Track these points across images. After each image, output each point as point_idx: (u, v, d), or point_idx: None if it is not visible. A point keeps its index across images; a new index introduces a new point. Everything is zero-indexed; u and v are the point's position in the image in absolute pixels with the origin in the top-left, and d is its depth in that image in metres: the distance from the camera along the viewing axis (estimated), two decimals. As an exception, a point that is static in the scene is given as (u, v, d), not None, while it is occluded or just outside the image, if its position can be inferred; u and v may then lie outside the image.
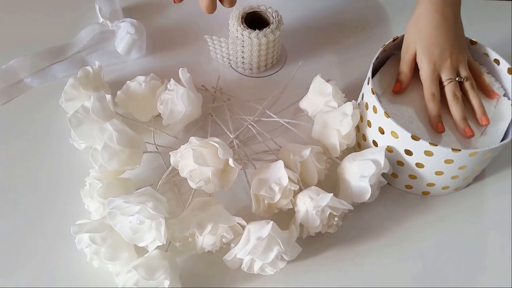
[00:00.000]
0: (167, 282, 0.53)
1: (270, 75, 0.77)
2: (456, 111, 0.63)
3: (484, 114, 0.64)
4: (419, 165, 0.61)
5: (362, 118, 0.65)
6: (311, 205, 0.57)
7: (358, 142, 0.68)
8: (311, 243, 0.61)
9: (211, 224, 0.55)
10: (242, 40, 0.70)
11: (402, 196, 0.67)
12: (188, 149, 0.56)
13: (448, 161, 0.59)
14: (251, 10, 0.72)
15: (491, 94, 0.66)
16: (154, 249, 0.55)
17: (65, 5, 0.83)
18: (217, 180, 0.56)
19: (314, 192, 0.58)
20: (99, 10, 0.78)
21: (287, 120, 0.70)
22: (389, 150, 0.62)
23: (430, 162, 0.60)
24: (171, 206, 0.63)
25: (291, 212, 0.60)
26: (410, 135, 0.58)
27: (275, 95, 0.74)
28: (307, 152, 0.60)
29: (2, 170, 0.66)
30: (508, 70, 0.66)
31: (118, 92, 0.69)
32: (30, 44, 0.77)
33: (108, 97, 0.65)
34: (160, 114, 0.67)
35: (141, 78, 0.69)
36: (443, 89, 0.64)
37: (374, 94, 0.61)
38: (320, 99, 0.67)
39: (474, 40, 0.68)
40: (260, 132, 0.70)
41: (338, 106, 0.66)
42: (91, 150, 0.59)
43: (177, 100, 0.64)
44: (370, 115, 0.63)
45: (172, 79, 0.66)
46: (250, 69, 0.76)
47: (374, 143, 0.64)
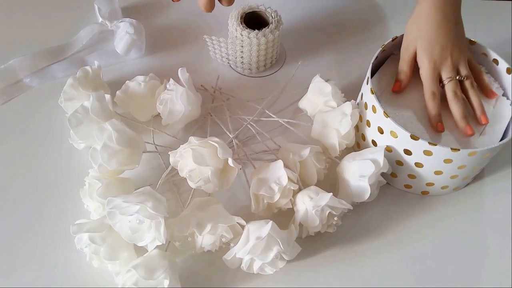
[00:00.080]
0: (167, 282, 0.53)
1: (270, 75, 0.77)
2: (456, 110, 0.63)
3: (483, 113, 0.64)
4: (418, 164, 0.61)
5: (361, 118, 0.65)
6: (311, 204, 0.57)
7: (358, 141, 0.68)
8: (311, 243, 0.61)
9: (211, 223, 0.55)
10: (242, 40, 0.70)
11: (402, 195, 0.67)
12: (187, 148, 0.56)
13: (447, 160, 0.59)
14: (251, 10, 0.72)
15: (490, 94, 0.66)
16: (154, 248, 0.55)
17: (64, 5, 0.83)
18: (216, 179, 0.56)
19: (313, 191, 0.58)
20: (98, 10, 0.78)
21: (287, 120, 0.70)
22: (388, 149, 0.62)
23: (429, 161, 0.60)
24: (171, 206, 0.63)
25: (291, 211, 0.60)
26: (409, 135, 0.58)
27: (275, 95, 0.74)
28: (307, 151, 0.60)
29: (1, 170, 0.66)
30: (507, 70, 0.66)
31: (118, 92, 0.69)
32: (29, 44, 0.77)
33: (107, 97, 0.65)
34: (159, 114, 0.67)
35: (140, 78, 0.69)
36: (443, 87, 0.64)
37: (373, 94, 0.61)
38: (319, 99, 0.67)
39: (473, 40, 0.68)
40: (259, 132, 0.70)
41: (338, 106, 0.66)
42: (91, 150, 0.59)
43: (176, 100, 0.64)
44: (369, 115, 0.63)
45: (171, 79, 0.66)
46: (250, 69, 0.76)
47: (373, 143, 0.64)
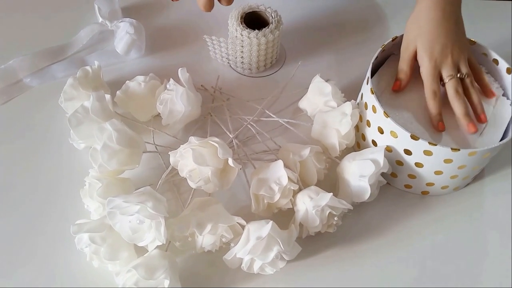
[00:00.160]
0: (167, 282, 0.53)
1: (270, 75, 0.77)
2: (458, 107, 0.63)
3: (483, 112, 0.64)
4: (419, 164, 0.61)
5: (361, 118, 0.65)
6: (311, 204, 0.57)
7: (358, 141, 0.68)
8: (311, 243, 0.61)
9: (211, 223, 0.55)
10: (242, 40, 0.70)
11: (402, 195, 0.67)
12: (187, 148, 0.56)
13: (447, 160, 0.59)
14: (251, 10, 0.72)
15: (490, 93, 0.66)
16: (154, 248, 0.55)
17: (64, 5, 0.83)
18: (216, 179, 0.56)
19: (313, 191, 0.58)
20: (98, 10, 0.78)
21: (287, 120, 0.70)
22: (388, 149, 0.62)
23: (429, 161, 0.60)
24: (171, 206, 0.63)
25: (291, 211, 0.60)
26: (409, 135, 0.58)
27: (275, 95, 0.74)
28: (307, 151, 0.60)
29: (2, 170, 0.66)
30: (507, 70, 0.66)
31: (118, 92, 0.69)
32: (29, 44, 0.77)
33: (107, 97, 0.65)
34: (159, 114, 0.67)
35: (140, 78, 0.69)
36: (444, 86, 0.64)
37: (373, 94, 0.61)
38: (319, 99, 0.67)
39: (473, 40, 0.68)
40: (259, 132, 0.70)
41: (338, 106, 0.66)
42: (91, 150, 0.59)
43: (176, 100, 0.64)
44: (369, 115, 0.63)
45: (171, 79, 0.66)
46: (250, 69, 0.76)
47: (373, 143, 0.64)
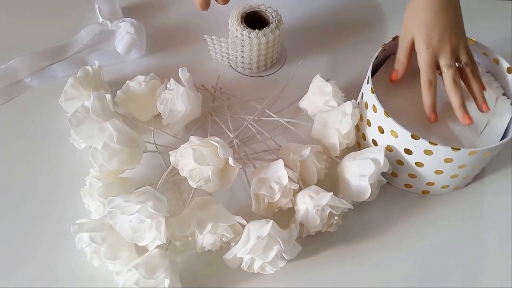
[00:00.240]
0: (167, 281, 0.53)
1: (270, 75, 0.77)
2: (455, 98, 0.61)
3: (484, 102, 0.62)
4: (419, 164, 0.61)
5: (361, 117, 0.65)
6: (311, 204, 0.57)
7: (358, 141, 0.68)
8: (311, 242, 0.61)
9: (211, 223, 0.55)
10: (242, 39, 0.70)
11: (402, 195, 0.67)
12: (188, 148, 0.56)
13: (447, 160, 0.59)
14: (251, 10, 0.72)
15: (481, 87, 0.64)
16: (154, 248, 0.55)
17: (64, 5, 0.83)
18: (217, 179, 0.56)
19: (314, 191, 0.58)
20: (99, 10, 0.78)
21: (287, 119, 0.70)
22: (388, 149, 0.62)
23: (429, 161, 0.60)
24: (171, 205, 0.63)
25: (291, 211, 0.60)
26: (409, 134, 0.58)
27: (275, 95, 0.74)
28: (307, 151, 0.60)
29: (2, 170, 0.66)
30: (507, 69, 0.66)
31: (118, 91, 0.69)
32: (29, 43, 0.77)
33: (108, 96, 0.65)
34: (160, 113, 0.67)
35: (140, 78, 0.69)
36: (442, 75, 0.62)
37: (373, 93, 0.61)
38: (319, 99, 0.67)
39: (474, 39, 0.68)
40: (260, 131, 0.70)
41: (338, 106, 0.66)
42: (91, 149, 0.59)
43: (177, 99, 0.64)
44: (369, 114, 0.63)
45: (172, 79, 0.66)
46: (250, 68, 0.76)
47: (373, 142, 0.64)
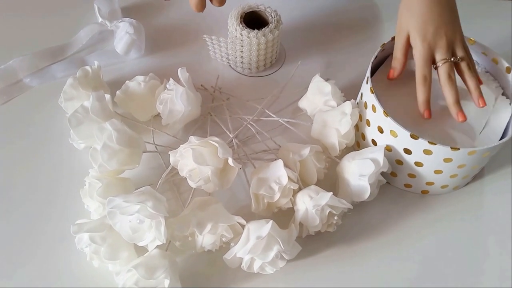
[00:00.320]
0: (167, 282, 0.53)
1: (269, 75, 0.77)
2: (449, 94, 0.61)
3: (481, 96, 0.61)
4: (418, 164, 0.61)
5: (361, 117, 0.65)
6: (311, 204, 0.57)
7: (357, 141, 0.68)
8: (311, 242, 0.61)
9: (211, 223, 0.55)
10: (241, 39, 0.70)
11: (401, 195, 0.67)
12: (187, 148, 0.56)
13: (447, 159, 0.59)
14: (250, 10, 0.72)
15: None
16: (154, 248, 0.55)
17: (64, 5, 0.83)
18: (216, 179, 0.57)
19: (313, 191, 0.58)
20: (98, 10, 0.78)
21: (286, 119, 0.70)
22: (388, 149, 0.62)
23: (429, 161, 0.60)
24: (171, 206, 0.63)
25: (291, 211, 0.60)
26: (409, 134, 0.58)
27: (274, 95, 0.74)
28: (307, 151, 0.60)
29: (2, 170, 0.66)
30: (506, 69, 0.66)
31: (117, 91, 0.69)
32: (29, 44, 0.77)
33: (107, 96, 0.65)
34: (159, 113, 0.67)
35: (140, 78, 0.69)
36: (437, 69, 0.62)
37: (373, 93, 0.61)
38: (319, 98, 0.67)
39: (473, 38, 0.68)
40: (259, 131, 0.70)
41: (337, 105, 0.66)
42: (91, 149, 0.59)
43: (176, 99, 0.64)
44: (369, 114, 0.63)
45: (171, 79, 0.66)
46: (249, 68, 0.76)
47: (373, 142, 0.64)
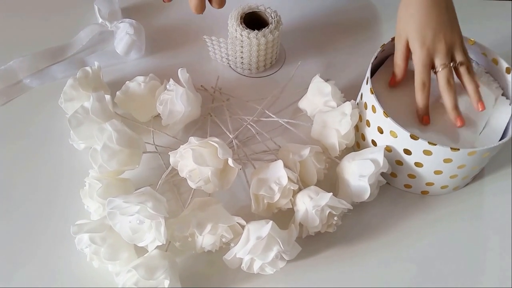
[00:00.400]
0: (167, 282, 0.53)
1: (269, 75, 0.77)
2: (448, 100, 0.61)
3: (480, 100, 0.62)
4: (418, 164, 0.61)
5: (361, 118, 0.65)
6: (311, 204, 0.57)
7: (357, 141, 0.68)
8: (311, 243, 0.61)
9: (211, 223, 0.55)
10: (241, 40, 0.70)
11: (401, 195, 0.67)
12: (187, 149, 0.56)
13: (447, 160, 0.59)
14: (250, 11, 0.72)
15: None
16: (154, 249, 0.55)
17: (64, 5, 0.83)
18: (216, 180, 0.57)
19: (313, 191, 0.58)
20: (98, 11, 0.78)
21: (286, 120, 0.70)
22: (388, 149, 0.62)
23: (429, 161, 0.60)
24: (171, 206, 0.63)
25: (291, 211, 0.60)
26: (409, 135, 0.58)
27: (274, 95, 0.74)
28: (306, 151, 0.60)
29: (2, 170, 0.66)
30: (506, 70, 0.66)
31: (118, 92, 0.69)
32: (29, 44, 0.77)
33: (107, 97, 0.65)
34: (159, 114, 0.67)
35: (140, 79, 0.69)
36: (436, 74, 0.62)
37: (373, 93, 0.61)
38: (319, 99, 0.67)
39: (473, 39, 0.68)
40: (259, 132, 0.70)
41: (337, 106, 0.66)
42: (91, 150, 0.59)
43: (176, 100, 0.64)
44: (369, 115, 0.63)
45: (171, 79, 0.66)
46: (249, 69, 0.76)
47: (373, 143, 0.64)
